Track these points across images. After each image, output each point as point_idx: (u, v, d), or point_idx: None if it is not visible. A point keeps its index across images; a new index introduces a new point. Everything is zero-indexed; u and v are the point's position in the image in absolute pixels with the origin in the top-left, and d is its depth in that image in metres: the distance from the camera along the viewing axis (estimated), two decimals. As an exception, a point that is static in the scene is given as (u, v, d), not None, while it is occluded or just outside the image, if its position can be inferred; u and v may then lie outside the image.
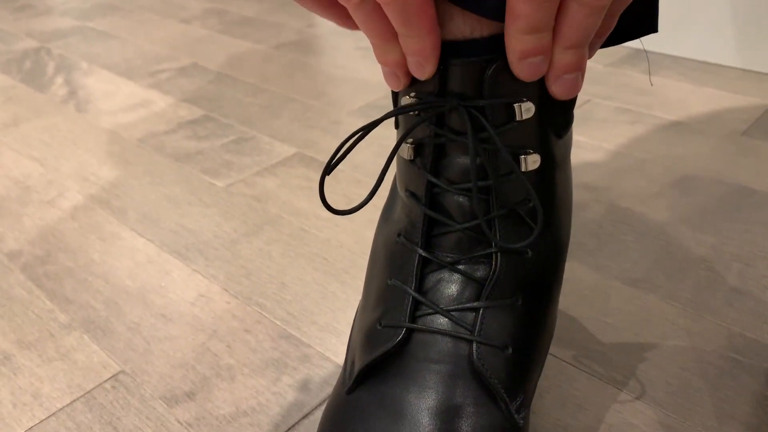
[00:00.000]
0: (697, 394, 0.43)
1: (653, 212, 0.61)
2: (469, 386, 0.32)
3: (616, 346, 0.47)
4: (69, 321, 0.54)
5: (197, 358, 0.49)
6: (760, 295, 0.51)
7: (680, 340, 0.48)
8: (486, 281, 0.34)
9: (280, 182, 0.70)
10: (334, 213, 0.33)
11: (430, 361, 0.33)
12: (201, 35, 1.18)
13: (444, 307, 0.34)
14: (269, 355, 0.48)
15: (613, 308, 0.51)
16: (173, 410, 0.45)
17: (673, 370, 0.45)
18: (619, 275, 0.54)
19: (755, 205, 0.62)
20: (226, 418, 0.44)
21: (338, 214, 0.33)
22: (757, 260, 0.55)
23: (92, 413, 0.45)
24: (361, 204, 0.33)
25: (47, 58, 1.13)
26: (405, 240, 0.36)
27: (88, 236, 0.64)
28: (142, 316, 0.53)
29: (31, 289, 0.58)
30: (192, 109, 0.90)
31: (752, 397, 0.43)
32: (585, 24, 0.28)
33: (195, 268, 0.58)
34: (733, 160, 0.69)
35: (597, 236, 0.59)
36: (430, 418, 0.32)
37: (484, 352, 0.33)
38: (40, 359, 0.50)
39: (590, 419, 0.42)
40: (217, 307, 0.54)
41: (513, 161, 0.31)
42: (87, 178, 0.74)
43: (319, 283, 0.55)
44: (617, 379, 0.45)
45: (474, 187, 0.31)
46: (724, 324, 0.49)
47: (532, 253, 0.35)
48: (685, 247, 0.57)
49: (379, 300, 0.36)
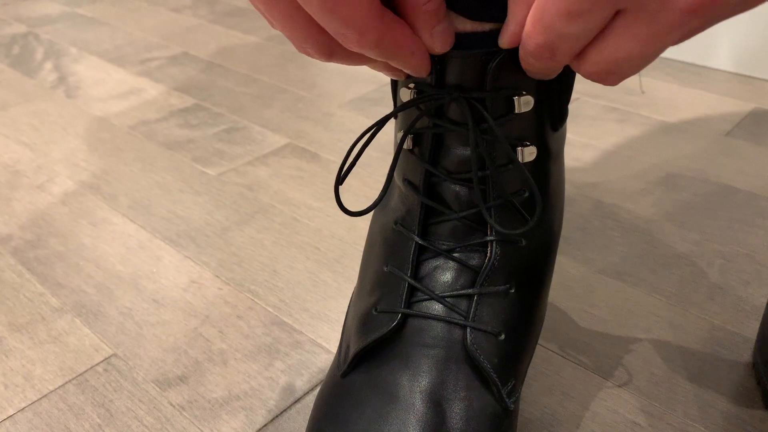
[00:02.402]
0: (679, 384, 0.44)
1: (639, 208, 0.63)
2: (462, 370, 0.33)
3: (601, 337, 0.48)
4: (60, 305, 0.54)
5: (189, 343, 0.49)
6: (741, 289, 0.53)
7: (663, 332, 0.49)
8: (481, 269, 0.35)
9: (271, 172, 0.71)
10: (349, 215, 0.34)
11: (424, 346, 0.34)
12: (192, 24, 1.18)
13: (439, 293, 0.34)
14: (261, 341, 0.49)
15: (599, 300, 0.52)
16: (166, 393, 0.45)
17: (656, 361, 0.46)
18: (605, 269, 0.55)
19: (738, 203, 0.63)
20: (218, 402, 0.44)
21: (353, 215, 0.34)
22: (738, 256, 0.56)
23: (84, 395, 0.46)
24: (373, 204, 0.34)
25: (36, 43, 1.12)
26: (402, 228, 0.36)
27: (78, 221, 0.64)
28: (134, 301, 0.54)
29: (21, 272, 0.58)
30: (183, 97, 0.90)
31: (732, 387, 0.44)
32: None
33: (187, 254, 0.59)
34: (717, 159, 0.70)
35: (584, 231, 0.60)
36: (423, 401, 0.33)
37: (478, 338, 0.34)
38: (31, 342, 0.50)
39: (576, 407, 0.43)
40: (210, 293, 0.54)
41: (512, 152, 0.32)
42: (77, 164, 0.74)
43: (311, 272, 0.56)
44: (602, 369, 0.46)
45: (475, 177, 0.32)
46: (706, 317, 0.50)
47: (526, 242, 0.36)
48: (670, 242, 0.58)
49: (375, 286, 0.37)
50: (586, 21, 0.24)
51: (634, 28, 0.24)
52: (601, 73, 0.27)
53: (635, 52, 0.25)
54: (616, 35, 0.25)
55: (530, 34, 0.26)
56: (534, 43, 0.26)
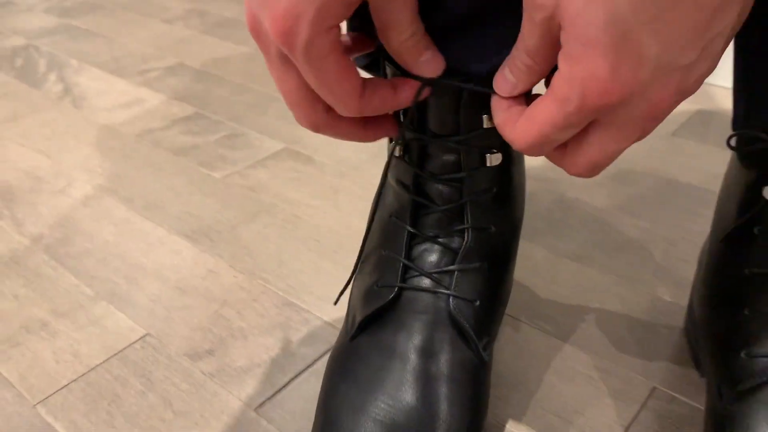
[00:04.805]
0: (626, 346, 0.54)
1: (595, 200, 0.72)
2: (447, 331, 0.42)
3: (562, 309, 0.58)
4: (95, 294, 0.62)
5: (213, 323, 0.58)
6: (682, 269, 0.62)
7: (614, 305, 0.58)
8: (459, 250, 0.44)
9: (271, 174, 0.79)
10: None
11: (416, 312, 0.43)
12: (184, 35, 1.26)
13: (427, 270, 0.43)
14: (275, 319, 0.57)
15: (561, 279, 0.61)
16: (197, 364, 0.54)
17: (608, 328, 0.56)
18: (566, 253, 0.64)
19: (682, 195, 0.73)
20: (242, 369, 0.53)
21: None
22: (681, 241, 0.66)
23: (127, 368, 0.54)
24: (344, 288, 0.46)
25: (37, 55, 1.19)
26: (396, 220, 0.45)
27: (100, 221, 0.72)
28: (161, 289, 0.62)
29: (56, 267, 0.65)
30: (183, 106, 0.97)
31: (669, 347, 0.54)
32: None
33: (202, 248, 0.67)
34: (664, 156, 0.80)
35: (548, 220, 0.69)
36: (416, 354, 0.41)
37: (459, 304, 0.42)
38: (74, 325, 0.58)
39: (542, 366, 0.52)
40: (226, 281, 0.62)
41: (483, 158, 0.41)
42: (92, 170, 0.82)
43: (313, 262, 0.64)
44: (562, 334, 0.55)
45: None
46: (650, 292, 0.59)
47: (494, 229, 0.45)
48: (621, 230, 0.68)
49: (376, 267, 0.45)
50: (572, 130, 0.30)
51: (608, 134, 0.30)
52: (585, 171, 0.32)
53: (609, 151, 0.31)
54: (592, 142, 0.30)
55: (522, 136, 0.32)
56: (525, 143, 0.32)
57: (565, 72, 0.27)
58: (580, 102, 0.27)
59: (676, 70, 0.26)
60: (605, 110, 0.28)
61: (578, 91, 0.27)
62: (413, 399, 0.40)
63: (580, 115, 0.28)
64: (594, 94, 0.27)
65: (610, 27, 0.25)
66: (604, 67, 0.26)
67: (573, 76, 0.27)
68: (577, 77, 0.27)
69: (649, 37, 0.25)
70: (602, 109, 0.28)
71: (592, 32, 0.25)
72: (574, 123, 0.29)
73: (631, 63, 0.26)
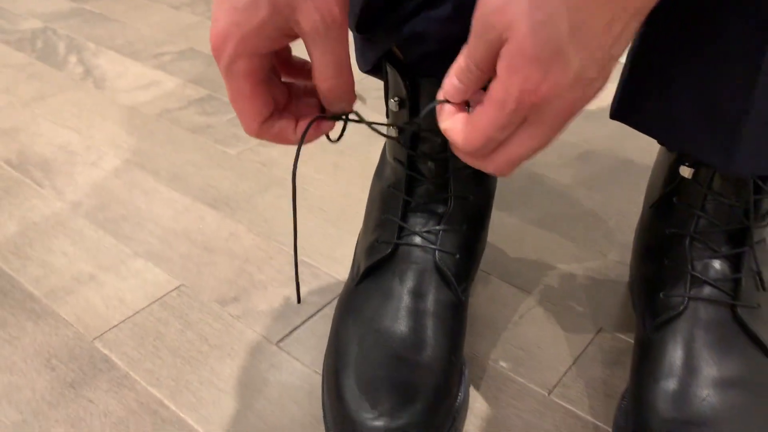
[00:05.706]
0: (579, 296, 0.66)
1: (560, 177, 0.84)
2: (433, 277, 0.54)
3: (527, 266, 0.69)
4: (133, 252, 0.72)
5: (237, 276, 0.69)
6: (629, 235, 0.74)
7: (571, 264, 0.70)
8: (444, 214, 0.55)
9: (280, 151, 0.90)
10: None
11: (409, 263, 0.54)
12: (192, 21, 1.35)
13: (418, 230, 0.55)
14: (290, 274, 0.69)
15: (527, 243, 0.73)
16: (226, 308, 0.65)
17: (564, 282, 0.67)
18: (532, 221, 0.76)
19: (635, 173, 0.85)
20: (264, 313, 0.64)
21: None
22: (631, 213, 0.78)
23: (166, 311, 0.65)
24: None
25: (55, 38, 1.28)
26: (393, 190, 0.56)
27: (132, 191, 0.83)
28: (190, 248, 0.73)
29: (96, 230, 0.76)
30: (197, 89, 1.08)
31: (615, 297, 0.66)
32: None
33: (223, 215, 0.78)
34: (621, 141, 0.92)
35: (518, 194, 0.81)
36: (409, 295, 0.53)
37: (443, 257, 0.54)
38: (117, 278, 0.69)
39: (509, 311, 0.64)
40: (246, 243, 0.73)
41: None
42: (120, 145, 0.92)
43: (320, 226, 0.76)
44: (528, 287, 0.67)
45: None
46: (602, 252, 0.71)
47: (472, 198, 0.56)
48: (581, 202, 0.79)
49: (376, 228, 0.57)
50: (510, 129, 0.35)
51: (532, 132, 0.35)
52: (506, 167, 0.37)
53: (530, 148, 0.36)
54: (518, 139, 0.36)
55: (469, 140, 0.36)
56: (472, 146, 0.36)
57: (504, 78, 0.33)
58: (516, 103, 0.33)
59: (586, 80, 0.34)
60: (535, 109, 0.34)
61: (515, 95, 0.33)
62: (406, 329, 0.52)
63: (518, 113, 0.34)
64: (529, 95, 0.34)
65: (550, 44, 0.33)
66: (539, 73, 0.33)
67: (512, 82, 0.33)
68: (515, 83, 0.33)
69: (575, 53, 0.33)
70: (534, 108, 0.33)
71: (536, 49, 0.33)
72: (514, 121, 0.34)
73: (559, 71, 0.33)
